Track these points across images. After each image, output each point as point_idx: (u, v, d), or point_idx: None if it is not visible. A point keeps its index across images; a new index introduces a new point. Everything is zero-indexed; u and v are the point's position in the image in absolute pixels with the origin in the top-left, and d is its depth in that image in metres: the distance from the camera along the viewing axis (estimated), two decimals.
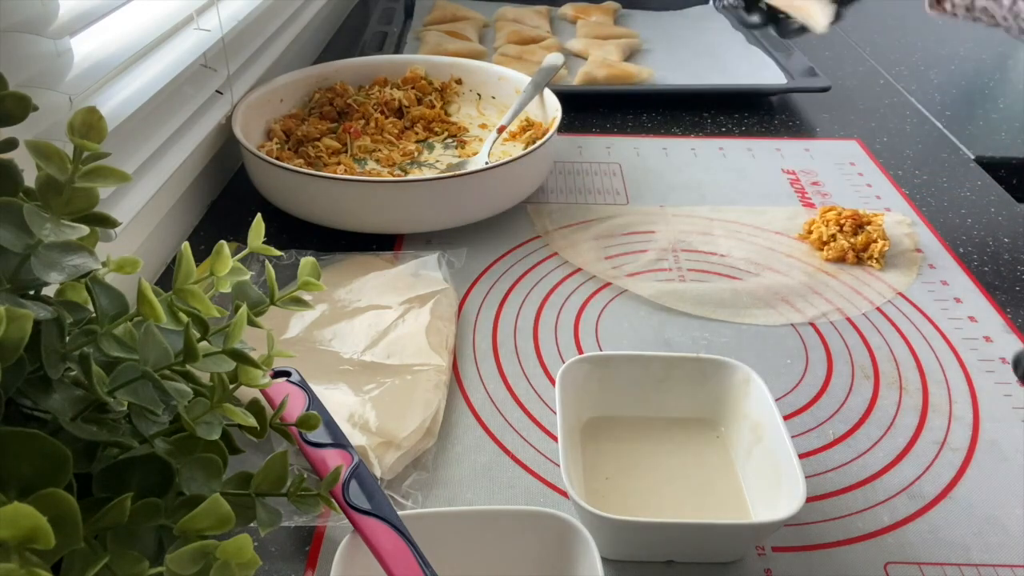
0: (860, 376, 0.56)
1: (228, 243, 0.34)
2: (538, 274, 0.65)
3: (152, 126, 0.60)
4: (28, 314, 0.23)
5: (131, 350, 0.29)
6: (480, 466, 0.48)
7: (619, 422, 0.49)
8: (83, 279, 0.29)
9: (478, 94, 0.87)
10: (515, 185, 0.70)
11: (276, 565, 0.42)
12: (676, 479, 0.46)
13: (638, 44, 1.10)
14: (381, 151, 0.78)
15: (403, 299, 0.58)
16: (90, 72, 0.52)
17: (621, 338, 0.59)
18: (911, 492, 0.47)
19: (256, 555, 0.26)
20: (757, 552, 0.43)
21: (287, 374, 0.46)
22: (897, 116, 0.95)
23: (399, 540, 0.36)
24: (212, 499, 0.26)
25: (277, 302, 0.36)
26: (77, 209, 0.29)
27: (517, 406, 0.53)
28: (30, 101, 0.29)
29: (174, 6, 0.65)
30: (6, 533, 0.20)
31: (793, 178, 0.81)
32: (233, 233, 0.68)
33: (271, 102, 0.79)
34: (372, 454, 0.46)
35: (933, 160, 0.85)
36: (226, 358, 0.31)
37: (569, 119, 0.89)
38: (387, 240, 0.68)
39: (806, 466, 0.48)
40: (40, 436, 0.24)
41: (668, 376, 0.49)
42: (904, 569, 0.43)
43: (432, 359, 0.53)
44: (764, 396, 0.45)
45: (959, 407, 0.54)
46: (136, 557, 0.26)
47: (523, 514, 0.39)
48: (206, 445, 0.31)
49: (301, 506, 0.35)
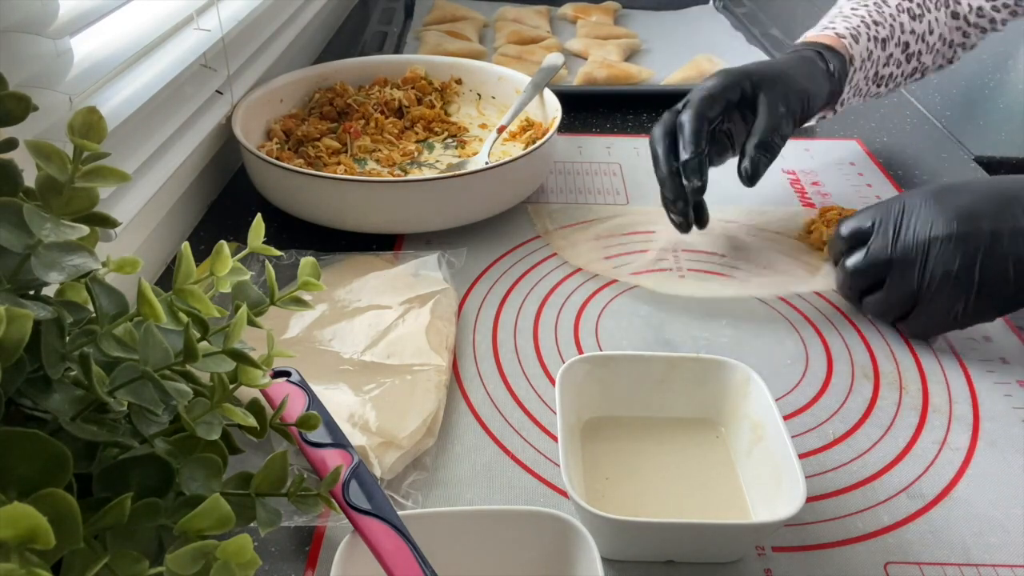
0: (860, 376, 0.56)
1: (228, 243, 0.34)
2: (538, 274, 0.65)
3: (152, 126, 0.60)
4: (28, 314, 0.23)
5: (131, 350, 0.29)
6: (480, 466, 0.48)
7: (619, 422, 0.49)
8: (83, 279, 0.29)
9: (478, 94, 0.87)
10: (515, 185, 0.70)
11: (276, 565, 0.42)
12: (676, 479, 0.46)
13: (638, 44, 1.10)
14: (381, 151, 0.78)
15: (403, 299, 0.58)
16: (90, 72, 0.52)
17: (621, 338, 0.59)
18: (911, 492, 0.47)
19: (256, 555, 0.26)
20: (757, 552, 0.43)
21: (287, 374, 0.46)
22: (897, 116, 0.95)
23: (399, 540, 0.36)
24: (212, 499, 0.26)
25: (277, 302, 0.36)
26: (77, 209, 0.29)
27: (517, 406, 0.53)
28: (30, 101, 0.29)
29: (174, 6, 0.65)
30: (6, 533, 0.20)
31: (793, 178, 0.81)
32: (233, 233, 0.68)
33: (271, 102, 0.79)
34: (372, 454, 0.46)
35: (933, 160, 0.85)
36: (226, 358, 0.31)
37: (569, 119, 0.89)
38: (387, 240, 0.68)
39: (806, 466, 0.48)
40: (40, 436, 0.24)
41: (668, 376, 0.49)
42: (904, 569, 0.43)
43: (432, 359, 0.53)
44: (764, 396, 0.45)
45: (959, 407, 0.54)
46: (136, 557, 0.26)
47: (523, 514, 0.39)
48: (206, 445, 0.31)
49: (301, 506, 0.35)
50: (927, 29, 0.73)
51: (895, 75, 0.75)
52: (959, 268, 0.53)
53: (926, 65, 0.76)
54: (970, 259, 0.53)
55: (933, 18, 0.73)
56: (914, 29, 0.73)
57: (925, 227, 0.55)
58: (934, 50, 0.75)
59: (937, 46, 0.75)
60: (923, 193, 0.57)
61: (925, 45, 0.74)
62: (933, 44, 0.74)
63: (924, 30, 0.73)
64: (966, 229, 0.54)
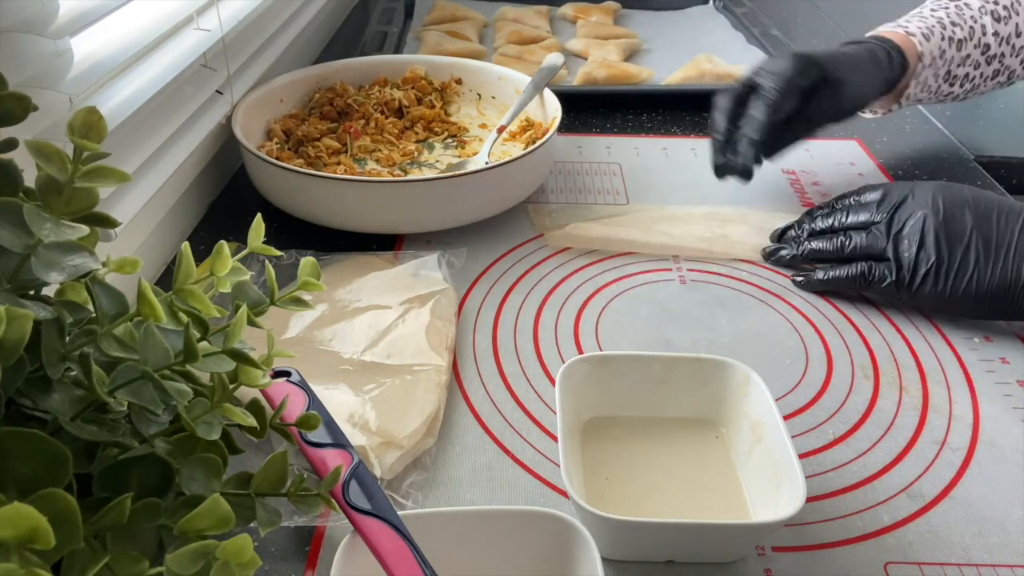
0: (860, 376, 0.56)
1: (228, 243, 0.34)
2: (538, 274, 0.65)
3: (152, 126, 0.60)
4: (28, 314, 0.23)
5: (131, 350, 0.29)
6: (480, 466, 0.48)
7: (619, 422, 0.49)
8: (83, 279, 0.29)
9: (478, 94, 0.87)
10: (515, 185, 0.70)
11: (276, 565, 0.42)
12: (676, 479, 0.46)
13: (638, 44, 1.10)
14: (381, 151, 0.78)
15: (403, 299, 0.58)
16: (90, 72, 0.52)
17: (621, 338, 0.59)
18: (911, 492, 0.47)
19: (256, 555, 0.26)
20: (757, 552, 0.43)
21: (287, 374, 0.46)
22: (897, 116, 0.95)
23: (399, 540, 0.36)
24: (212, 499, 0.26)
25: (277, 302, 0.36)
26: (77, 209, 0.29)
27: (517, 406, 0.53)
28: (30, 101, 0.29)
29: (174, 6, 0.65)
30: (6, 533, 0.20)
31: (793, 178, 0.81)
32: (233, 233, 0.68)
33: (271, 102, 0.79)
34: (372, 454, 0.46)
35: (933, 160, 0.85)
36: (226, 358, 0.31)
37: (569, 119, 0.89)
38: (387, 240, 0.68)
39: (806, 466, 0.48)
40: (40, 436, 0.24)
41: (668, 376, 0.49)
42: (904, 569, 0.43)
43: (432, 359, 0.53)
44: (764, 396, 0.45)
45: (959, 407, 0.54)
46: (136, 557, 0.26)
47: (523, 514, 0.39)
48: (206, 445, 0.31)
49: (301, 506, 0.35)
50: (1013, 31, 0.73)
51: (972, 76, 0.75)
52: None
53: (1012, 68, 0.75)
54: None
55: (1022, 20, 0.73)
56: (997, 31, 0.72)
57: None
58: (1022, 53, 0.74)
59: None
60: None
61: (1010, 48, 0.73)
62: (1020, 47, 0.74)
63: (1009, 32, 0.73)
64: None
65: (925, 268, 0.57)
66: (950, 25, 0.73)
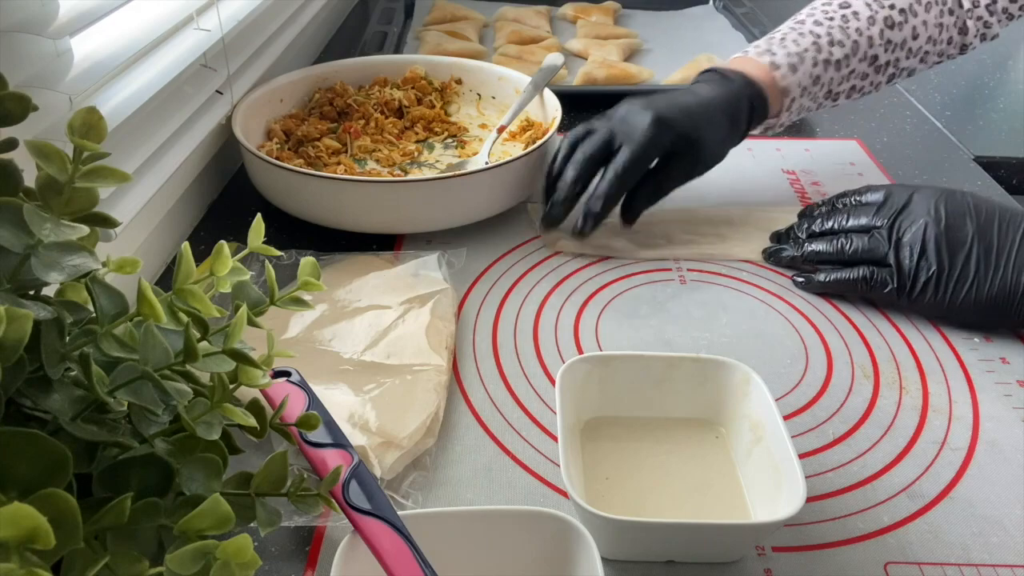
0: (860, 376, 0.56)
1: (228, 243, 0.34)
2: (538, 274, 0.65)
3: (152, 126, 0.60)
4: (28, 314, 0.23)
5: (131, 350, 0.29)
6: (480, 466, 0.48)
7: (619, 422, 0.49)
8: (83, 279, 0.29)
9: (478, 94, 0.87)
10: (515, 185, 0.70)
11: (276, 565, 0.42)
12: (676, 479, 0.46)
13: (638, 44, 1.10)
14: (381, 151, 0.78)
15: (403, 299, 0.58)
16: (90, 72, 0.52)
17: (621, 338, 0.59)
18: (911, 492, 0.47)
19: (256, 555, 0.26)
20: (757, 552, 0.43)
21: (287, 374, 0.46)
22: (897, 116, 0.95)
23: (399, 540, 0.36)
24: (212, 499, 0.26)
25: (277, 302, 0.36)
26: (77, 209, 0.29)
27: (517, 406, 0.53)
28: (30, 101, 0.29)
29: (174, 6, 0.65)
30: (6, 533, 0.20)
31: (793, 178, 0.81)
32: (233, 233, 0.68)
33: (271, 102, 0.79)
34: (372, 454, 0.46)
35: (933, 160, 0.85)
36: (226, 358, 0.31)
37: (569, 119, 0.89)
38: (387, 240, 0.68)
39: (806, 466, 0.48)
40: (40, 436, 0.24)
41: (668, 376, 0.49)
42: (904, 569, 0.43)
43: (432, 359, 0.53)
44: (764, 396, 0.45)
45: (959, 407, 0.54)
46: (136, 557, 0.26)
47: (523, 514, 0.39)
48: (206, 445, 0.31)
49: (301, 506, 0.35)
50: (909, 35, 0.72)
51: (860, 86, 0.74)
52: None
53: (911, 68, 0.75)
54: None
55: (920, 22, 0.72)
56: (891, 39, 0.71)
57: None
58: (920, 53, 0.74)
59: (926, 48, 0.74)
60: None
61: (905, 52, 0.73)
62: (919, 48, 0.73)
63: (904, 37, 0.72)
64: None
65: (925, 276, 0.58)
66: (827, 46, 0.70)
